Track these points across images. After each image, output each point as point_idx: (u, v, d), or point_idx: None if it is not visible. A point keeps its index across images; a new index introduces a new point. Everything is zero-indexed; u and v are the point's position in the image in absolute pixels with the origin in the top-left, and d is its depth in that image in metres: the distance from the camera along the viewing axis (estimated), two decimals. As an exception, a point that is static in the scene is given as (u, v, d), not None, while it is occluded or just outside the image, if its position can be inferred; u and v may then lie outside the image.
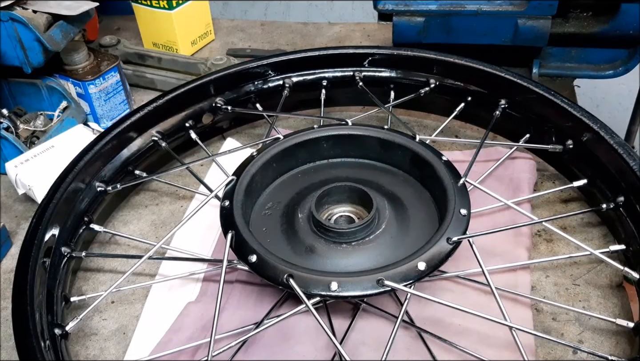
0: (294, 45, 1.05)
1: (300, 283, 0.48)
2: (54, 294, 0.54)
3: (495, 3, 0.79)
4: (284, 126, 0.81)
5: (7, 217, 0.71)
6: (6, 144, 0.74)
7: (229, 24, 1.13)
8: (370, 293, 0.48)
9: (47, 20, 0.74)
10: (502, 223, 0.61)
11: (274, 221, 0.60)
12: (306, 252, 0.56)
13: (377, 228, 0.57)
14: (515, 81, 0.67)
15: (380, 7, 0.83)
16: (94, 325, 0.57)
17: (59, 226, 0.58)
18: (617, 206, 0.58)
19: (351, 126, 0.66)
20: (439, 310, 0.52)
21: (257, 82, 0.77)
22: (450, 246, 0.51)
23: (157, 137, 0.71)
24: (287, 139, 0.64)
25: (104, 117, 0.83)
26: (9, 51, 0.73)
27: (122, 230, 0.68)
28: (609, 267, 0.57)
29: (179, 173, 0.74)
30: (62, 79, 0.81)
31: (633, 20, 0.75)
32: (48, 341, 0.48)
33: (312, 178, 0.65)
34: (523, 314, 0.54)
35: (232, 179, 0.60)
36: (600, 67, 0.84)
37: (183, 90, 0.72)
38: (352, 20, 1.13)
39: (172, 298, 0.59)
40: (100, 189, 0.65)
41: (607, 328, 0.53)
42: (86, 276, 0.63)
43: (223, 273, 0.51)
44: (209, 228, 0.65)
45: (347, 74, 0.77)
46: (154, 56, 0.97)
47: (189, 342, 0.52)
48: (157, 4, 0.97)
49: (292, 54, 0.78)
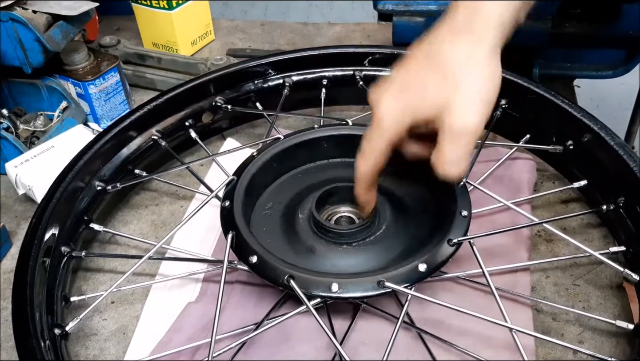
0: (294, 45, 1.05)
1: (301, 284, 0.48)
2: (54, 294, 0.54)
3: (495, 3, 0.79)
4: (284, 125, 0.81)
5: (7, 217, 0.71)
6: (6, 144, 0.74)
7: (229, 24, 1.13)
8: (371, 294, 0.48)
9: (47, 20, 0.74)
10: (502, 223, 0.61)
11: (275, 221, 0.60)
12: (306, 253, 0.56)
13: (377, 228, 0.57)
14: (515, 80, 0.67)
15: (380, 7, 0.83)
16: (94, 325, 0.57)
17: (59, 225, 0.58)
18: (617, 207, 0.58)
19: (351, 126, 0.66)
20: (440, 311, 0.52)
21: (257, 81, 0.77)
22: (451, 247, 0.51)
23: (157, 136, 0.71)
24: (287, 139, 0.64)
25: (104, 117, 0.83)
26: (9, 51, 0.73)
27: (122, 230, 0.68)
28: (609, 268, 0.57)
29: (179, 173, 0.74)
30: (62, 79, 0.81)
31: (633, 21, 0.75)
32: (48, 342, 0.48)
33: (313, 178, 0.64)
34: (523, 315, 0.54)
35: (233, 179, 0.60)
36: (600, 67, 0.84)
37: (183, 89, 0.72)
38: (352, 20, 1.13)
39: (172, 298, 0.59)
40: (100, 189, 0.65)
41: (607, 328, 0.53)
42: (86, 276, 0.63)
43: (223, 273, 0.51)
44: (209, 228, 0.65)
45: (348, 74, 0.77)
46: (153, 56, 0.97)
47: (189, 342, 0.52)
48: (157, 4, 0.97)
49: (292, 53, 0.78)
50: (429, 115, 0.48)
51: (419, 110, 0.49)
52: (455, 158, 0.48)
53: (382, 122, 0.50)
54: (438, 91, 0.48)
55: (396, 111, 0.49)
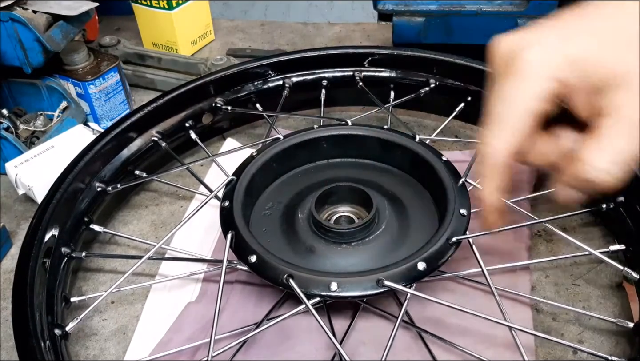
0: (294, 45, 1.05)
1: (300, 283, 0.48)
2: (54, 294, 0.54)
3: (495, 3, 0.79)
4: (283, 126, 0.81)
5: (7, 217, 0.71)
6: (6, 144, 0.74)
7: (229, 24, 1.13)
8: (370, 293, 0.48)
9: (47, 20, 0.74)
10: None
11: (274, 221, 0.60)
12: (306, 252, 0.56)
13: (377, 228, 0.57)
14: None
15: (380, 7, 0.83)
16: (94, 325, 0.57)
17: (59, 226, 0.58)
18: (617, 206, 0.58)
19: (351, 126, 0.66)
20: (439, 310, 0.52)
21: (257, 82, 0.77)
22: (451, 246, 0.51)
23: (157, 138, 0.71)
24: (287, 139, 0.64)
25: (104, 117, 0.83)
26: (9, 51, 0.73)
27: (122, 230, 0.68)
28: (609, 267, 0.57)
29: (179, 173, 0.74)
30: (62, 79, 0.81)
31: (633, 20, 0.75)
32: (48, 342, 0.48)
33: (312, 178, 0.65)
34: (523, 314, 0.54)
35: (232, 179, 0.60)
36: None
37: (183, 90, 0.72)
38: (352, 20, 1.13)
39: (172, 298, 0.59)
40: (100, 190, 0.65)
41: (607, 328, 0.53)
42: (86, 277, 0.63)
43: (223, 273, 0.51)
44: (208, 228, 0.65)
45: (347, 74, 0.77)
46: (154, 56, 0.97)
47: (189, 342, 0.52)
48: (157, 4, 0.97)
49: (292, 54, 0.78)
50: (602, 81, 0.34)
51: (592, 68, 0.34)
52: (616, 158, 0.34)
53: (530, 73, 0.35)
54: (621, 55, 0.34)
55: (558, 58, 0.35)
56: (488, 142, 0.36)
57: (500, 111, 0.35)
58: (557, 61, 0.34)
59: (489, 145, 0.36)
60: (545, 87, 0.34)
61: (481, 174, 0.37)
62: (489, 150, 0.36)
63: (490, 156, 0.36)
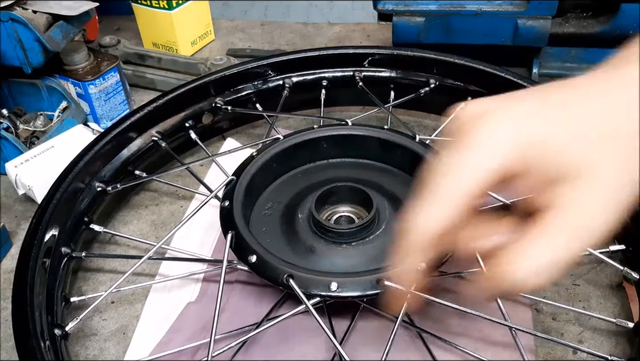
0: (294, 45, 1.05)
1: (300, 283, 0.48)
2: (54, 294, 0.54)
3: (495, 3, 0.79)
4: (283, 126, 0.81)
5: (7, 217, 0.71)
6: (6, 144, 0.74)
7: (229, 24, 1.13)
8: (370, 293, 0.48)
9: (47, 20, 0.74)
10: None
11: (274, 221, 0.60)
12: (306, 252, 0.56)
13: (377, 228, 0.57)
14: (515, 81, 0.67)
15: (380, 7, 0.83)
16: (94, 325, 0.57)
17: (59, 226, 0.58)
18: (617, 206, 0.58)
19: (351, 126, 0.66)
20: (439, 310, 0.52)
21: (257, 82, 0.77)
22: (450, 246, 0.51)
23: (157, 138, 0.71)
24: (287, 139, 0.64)
25: (104, 117, 0.83)
26: (9, 51, 0.73)
27: (122, 230, 0.68)
28: (609, 267, 0.57)
29: (179, 173, 0.74)
30: (62, 79, 0.81)
31: (633, 20, 0.75)
32: (48, 342, 0.48)
33: (312, 178, 0.65)
34: (523, 314, 0.54)
35: (232, 179, 0.60)
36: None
37: (183, 90, 0.72)
38: (352, 20, 1.13)
39: (172, 298, 0.59)
40: (100, 189, 0.65)
41: (607, 328, 0.53)
42: (86, 277, 0.63)
43: (223, 273, 0.51)
44: (208, 228, 0.65)
45: (347, 74, 0.77)
46: (154, 56, 0.97)
47: (189, 342, 0.52)
48: (157, 4, 0.97)
49: (292, 54, 0.78)
50: (560, 171, 0.31)
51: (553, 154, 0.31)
52: (550, 261, 0.30)
53: (484, 148, 0.31)
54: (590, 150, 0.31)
55: (515, 137, 0.31)
56: (416, 215, 0.33)
57: (439, 181, 0.32)
58: (514, 140, 0.31)
59: (417, 219, 0.33)
60: (498, 164, 0.31)
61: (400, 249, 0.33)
62: (416, 224, 0.32)
63: (415, 231, 0.32)
